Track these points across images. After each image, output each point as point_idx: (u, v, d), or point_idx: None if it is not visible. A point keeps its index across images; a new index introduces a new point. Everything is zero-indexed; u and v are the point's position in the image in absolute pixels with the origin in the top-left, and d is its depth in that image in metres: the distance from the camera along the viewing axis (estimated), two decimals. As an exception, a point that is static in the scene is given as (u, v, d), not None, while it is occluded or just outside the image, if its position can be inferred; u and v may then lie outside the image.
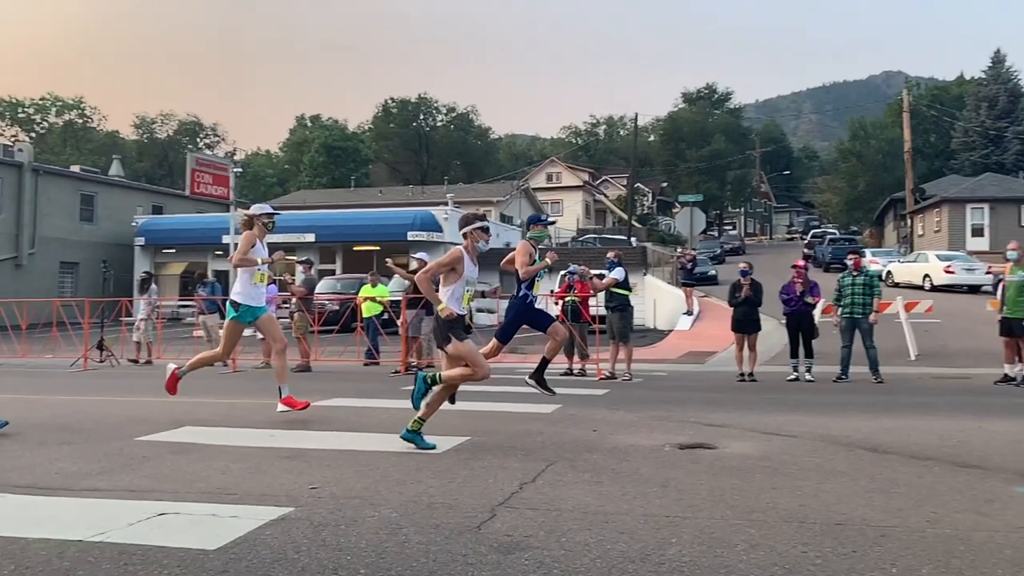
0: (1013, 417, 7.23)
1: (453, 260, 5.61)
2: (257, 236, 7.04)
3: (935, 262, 26.31)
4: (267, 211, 7.22)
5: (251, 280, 6.92)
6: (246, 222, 7.18)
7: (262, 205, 7.40)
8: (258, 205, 7.40)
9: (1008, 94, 49.13)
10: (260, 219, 7.10)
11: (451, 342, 5.51)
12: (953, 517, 3.81)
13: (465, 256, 5.65)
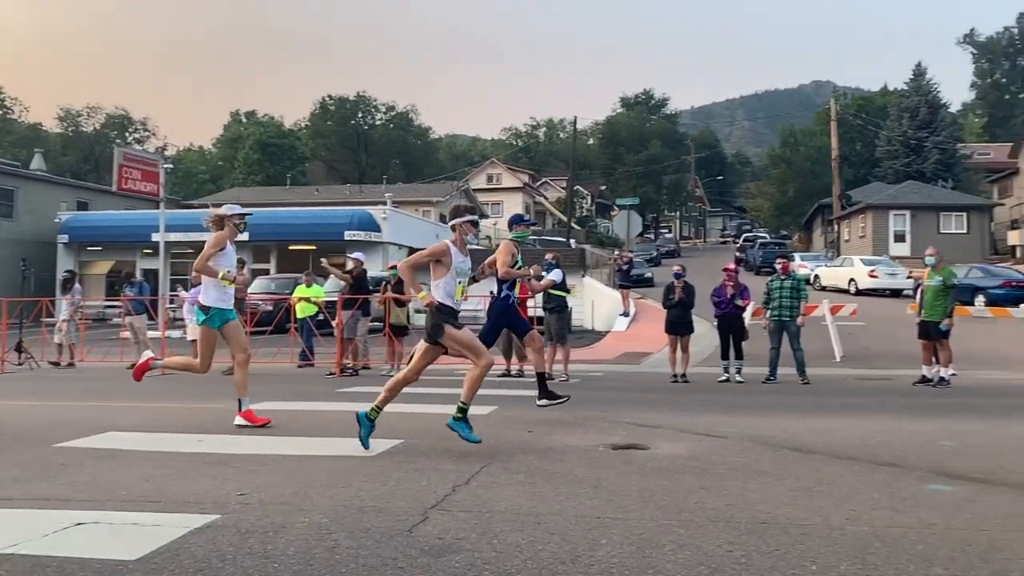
0: (929, 417, 7.55)
1: (437, 252, 5.57)
2: (227, 238, 6.74)
3: (860, 267, 27.32)
4: (239, 211, 6.89)
5: (220, 283, 6.63)
6: (216, 222, 6.79)
7: (233, 205, 7.06)
8: (229, 205, 7.06)
9: (928, 106, 51.29)
10: (232, 220, 6.79)
11: (443, 333, 5.45)
12: (871, 514, 3.95)
13: (452, 248, 5.59)
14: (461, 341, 5.53)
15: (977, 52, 76.51)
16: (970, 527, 3.73)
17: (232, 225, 6.80)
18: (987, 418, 7.45)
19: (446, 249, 5.57)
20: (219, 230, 6.74)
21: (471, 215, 5.85)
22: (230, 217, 6.80)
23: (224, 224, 6.77)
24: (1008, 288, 20.49)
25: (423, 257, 5.60)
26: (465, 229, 5.74)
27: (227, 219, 6.79)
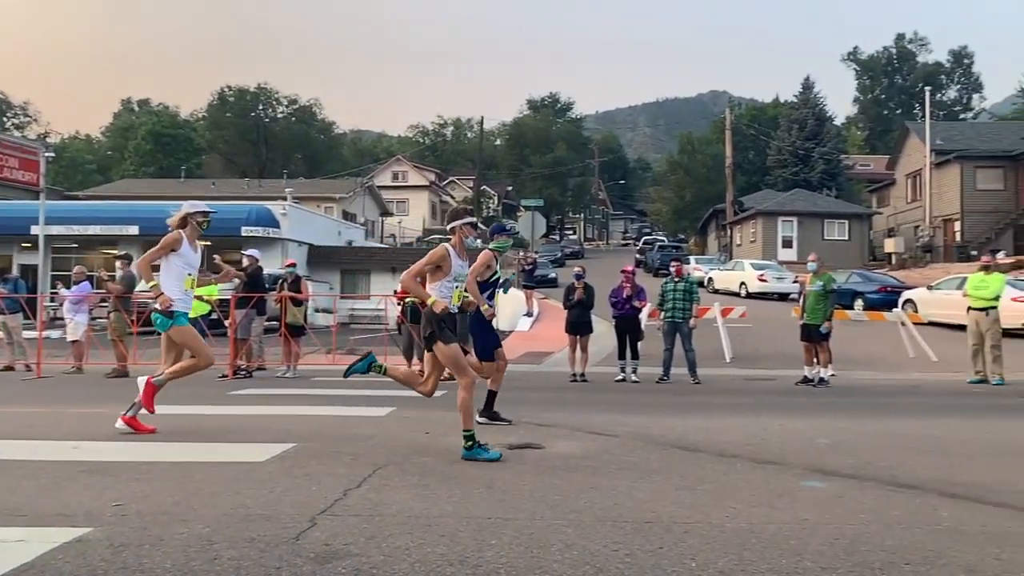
0: (808, 416, 7.96)
1: (439, 258, 5.43)
2: (189, 237, 6.38)
3: (750, 270, 28.55)
4: (202, 209, 6.52)
5: (181, 285, 6.31)
6: (180, 221, 6.40)
7: (196, 203, 6.67)
8: (193, 202, 6.67)
9: (815, 118, 54.21)
10: (195, 218, 6.44)
11: (436, 343, 5.32)
12: (749, 511, 4.13)
13: (451, 253, 5.48)
14: (447, 355, 5.37)
15: (859, 69, 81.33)
16: (839, 521, 3.96)
17: (195, 223, 6.45)
18: (860, 416, 7.92)
19: (445, 254, 5.46)
20: (180, 228, 6.37)
21: (470, 217, 5.75)
22: (193, 215, 6.44)
23: (187, 222, 6.41)
24: (884, 293, 21.87)
25: (424, 265, 5.44)
26: (465, 232, 5.64)
27: (190, 217, 6.42)
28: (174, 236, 6.31)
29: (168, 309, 6.17)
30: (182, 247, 6.30)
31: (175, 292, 6.25)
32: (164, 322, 6.25)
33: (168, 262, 6.29)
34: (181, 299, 6.30)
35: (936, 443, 6.26)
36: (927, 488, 4.68)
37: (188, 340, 6.35)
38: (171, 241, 6.27)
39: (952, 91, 77.70)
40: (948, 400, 9.63)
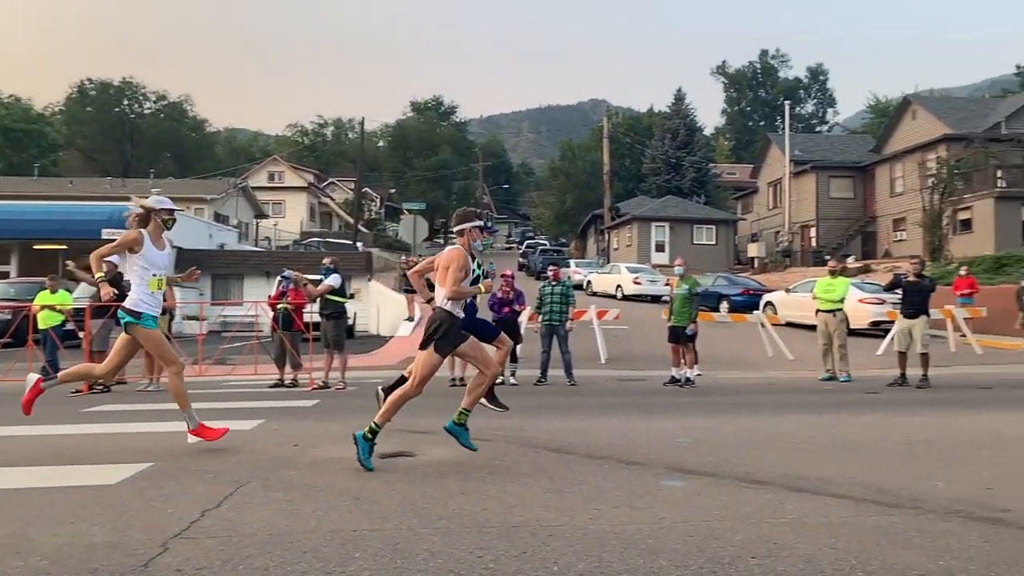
0: (673, 416, 8.30)
1: (463, 265, 5.35)
2: (152, 236, 5.96)
3: (625, 274, 29.50)
4: (167, 206, 6.13)
5: (145, 286, 5.90)
6: (141, 218, 5.99)
7: (161, 198, 6.24)
8: (157, 197, 6.23)
9: (687, 128, 56.71)
10: (159, 215, 6.02)
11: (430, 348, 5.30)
12: (612, 512, 4.27)
13: (466, 254, 5.45)
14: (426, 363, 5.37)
15: (727, 82, 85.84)
16: (695, 519, 4.15)
17: (159, 220, 6.04)
18: (720, 415, 8.32)
19: (466, 257, 5.42)
20: (143, 226, 5.95)
21: (478, 220, 5.68)
22: (158, 211, 6.03)
23: (150, 219, 6.00)
24: (747, 295, 23.13)
25: (459, 274, 5.33)
26: (473, 235, 5.59)
27: (155, 213, 6.01)
28: (132, 235, 5.89)
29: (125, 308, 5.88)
30: (143, 247, 5.88)
31: (139, 293, 5.87)
32: (128, 320, 5.87)
33: (129, 262, 5.91)
34: (146, 301, 5.91)
35: (787, 439, 6.68)
36: (776, 483, 4.98)
37: (158, 345, 6.02)
38: (129, 240, 5.86)
39: (810, 105, 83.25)
40: (800, 397, 10.29)
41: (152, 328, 5.93)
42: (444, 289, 5.37)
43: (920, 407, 8.82)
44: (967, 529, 3.95)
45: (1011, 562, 3.45)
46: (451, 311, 5.37)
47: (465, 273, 5.41)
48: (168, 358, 6.05)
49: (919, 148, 34.35)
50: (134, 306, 5.87)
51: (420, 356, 5.44)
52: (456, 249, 5.48)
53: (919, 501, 4.50)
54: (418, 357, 5.48)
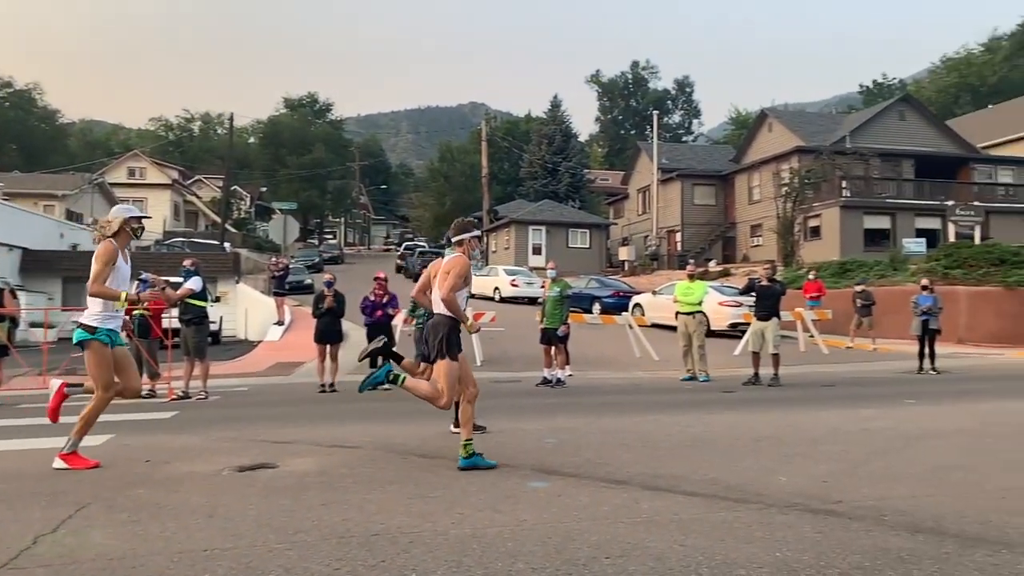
0: (542, 416, 8.45)
1: (466, 273, 5.50)
2: (120, 247, 5.69)
3: (503, 276, 29.81)
4: (135, 214, 5.87)
5: (112, 304, 5.63)
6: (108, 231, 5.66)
7: (128, 207, 6.02)
8: (124, 207, 6.00)
9: (563, 134, 58.00)
10: (129, 224, 5.76)
11: (446, 358, 5.37)
12: (475, 516, 4.30)
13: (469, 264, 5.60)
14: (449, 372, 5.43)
15: (601, 91, 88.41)
16: (554, 520, 4.24)
17: (129, 231, 5.78)
18: (587, 415, 8.55)
19: (469, 265, 5.56)
20: (111, 237, 5.65)
21: (476, 230, 5.83)
22: (127, 221, 5.74)
23: (120, 232, 5.70)
24: (617, 297, 23.89)
25: (459, 281, 5.43)
26: (472, 244, 5.71)
27: (125, 224, 5.71)
28: (110, 249, 5.61)
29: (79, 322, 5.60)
30: (118, 260, 5.66)
31: (103, 308, 5.60)
32: (81, 335, 5.56)
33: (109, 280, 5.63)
34: (107, 314, 5.64)
35: (647, 438, 6.94)
36: (634, 482, 5.17)
37: (101, 364, 5.58)
38: (112, 255, 5.59)
39: (677, 116, 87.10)
40: (662, 397, 10.73)
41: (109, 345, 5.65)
42: (441, 292, 5.47)
43: (770, 405, 9.40)
44: (803, 521, 4.23)
45: (839, 550, 3.72)
46: (448, 315, 5.47)
47: (465, 281, 5.55)
48: (104, 383, 5.62)
49: (774, 159, 36.64)
50: (91, 321, 5.59)
51: (438, 369, 5.50)
52: (460, 257, 5.58)
53: (763, 496, 4.79)
54: (437, 370, 5.54)
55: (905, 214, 32.51)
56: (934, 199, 32.62)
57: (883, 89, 73.38)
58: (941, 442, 6.66)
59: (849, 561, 3.56)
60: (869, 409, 8.74)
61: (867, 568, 3.46)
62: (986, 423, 7.69)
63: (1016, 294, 19.18)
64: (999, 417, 8.09)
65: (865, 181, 33.39)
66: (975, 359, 16.50)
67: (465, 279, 5.55)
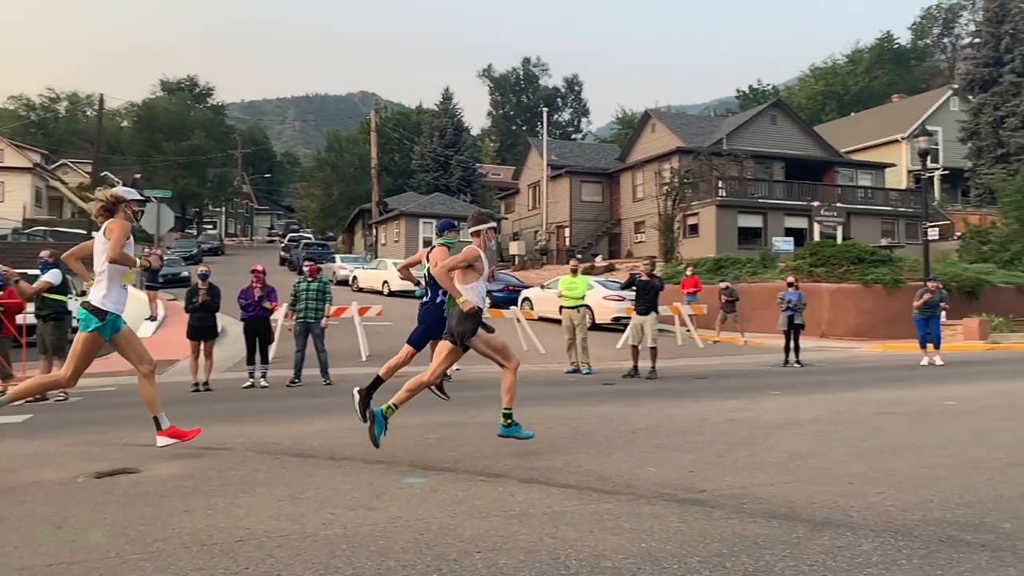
0: (425, 412, 8.39)
1: (474, 257, 5.86)
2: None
3: (392, 270, 29.41)
4: (137, 197, 5.92)
5: (120, 281, 5.65)
6: (108, 207, 5.65)
7: (129, 188, 6.05)
8: (126, 188, 6.04)
9: (454, 128, 57.83)
10: (131, 206, 5.78)
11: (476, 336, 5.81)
12: (347, 516, 4.22)
13: (481, 253, 5.92)
14: (493, 345, 5.95)
15: (493, 85, 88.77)
16: (428, 516, 4.22)
17: (130, 212, 5.78)
18: (471, 409, 8.58)
19: (478, 255, 5.89)
20: (111, 216, 5.62)
21: (493, 222, 6.25)
22: (129, 202, 5.77)
23: (116, 210, 5.67)
24: (507, 292, 24.09)
25: (460, 262, 5.80)
26: (489, 235, 6.12)
27: (126, 204, 5.74)
28: (127, 225, 5.63)
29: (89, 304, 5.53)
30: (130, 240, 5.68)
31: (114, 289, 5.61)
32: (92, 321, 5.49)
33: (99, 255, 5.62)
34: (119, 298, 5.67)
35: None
36: (511, 475, 5.22)
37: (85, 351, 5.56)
38: (126, 226, 5.61)
39: (566, 113, 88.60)
40: (546, 389, 10.89)
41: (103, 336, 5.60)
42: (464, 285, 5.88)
43: (646, 397, 9.72)
44: (669, 511, 4.39)
45: (701, 538, 3.89)
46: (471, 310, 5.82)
47: (470, 266, 5.90)
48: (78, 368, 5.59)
49: (657, 158, 37.90)
50: (107, 305, 5.56)
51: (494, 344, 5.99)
52: (472, 247, 5.97)
53: (633, 487, 4.94)
54: (494, 345, 6.00)
55: (776, 214, 34.37)
56: (802, 200, 34.64)
57: (758, 94, 77.19)
58: (799, 431, 7.08)
59: (709, 549, 3.72)
60: (736, 400, 9.19)
61: (725, 555, 3.63)
62: (840, 412, 8.24)
63: (872, 291, 20.67)
64: (852, 407, 8.68)
65: (740, 182, 35.05)
66: (836, 352, 17.66)
67: (474, 266, 5.92)
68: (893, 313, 19.48)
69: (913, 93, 58.16)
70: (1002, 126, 41.80)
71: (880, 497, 4.65)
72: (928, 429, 7.20)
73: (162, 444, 5.88)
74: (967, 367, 14.08)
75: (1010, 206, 26.84)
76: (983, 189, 40.79)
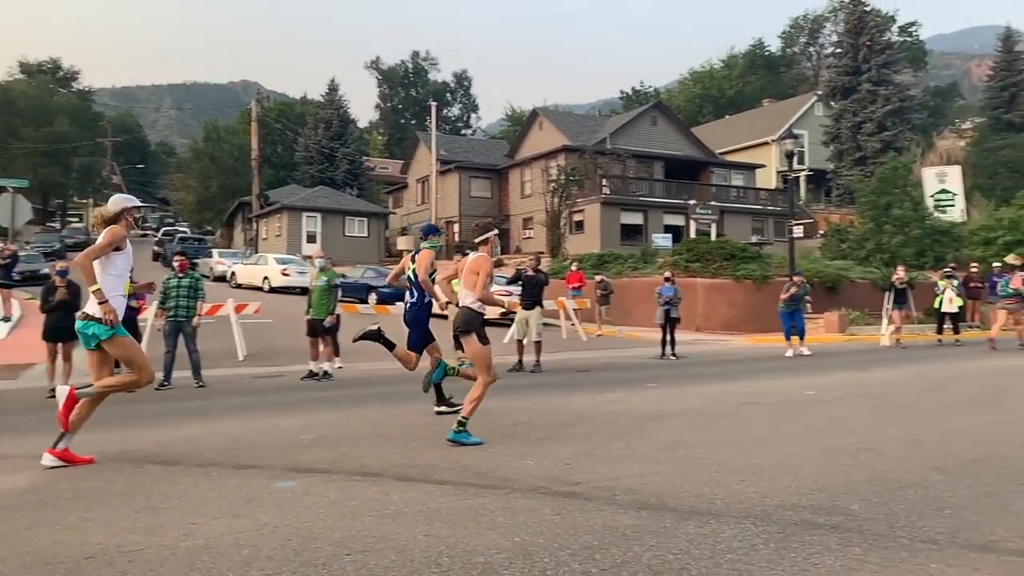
0: (303, 412, 8.14)
1: (490, 269, 6.32)
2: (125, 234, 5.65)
3: (273, 265, 28.50)
4: (136, 204, 5.97)
5: (122, 289, 5.67)
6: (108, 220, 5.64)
7: (128, 196, 6.06)
8: (125, 196, 6.05)
9: (340, 120, 56.55)
10: (131, 213, 5.80)
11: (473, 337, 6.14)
12: (210, 525, 4.02)
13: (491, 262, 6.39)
14: (482, 352, 6.20)
15: (381, 78, 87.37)
16: (298, 521, 4.09)
17: (130, 219, 5.79)
18: (351, 408, 8.41)
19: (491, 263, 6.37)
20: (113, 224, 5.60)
21: (496, 230, 6.83)
22: (129, 210, 5.77)
23: (119, 218, 5.67)
24: (393, 287, 23.78)
25: (485, 279, 6.18)
26: (495, 242, 6.62)
27: (127, 212, 5.72)
28: (120, 232, 5.57)
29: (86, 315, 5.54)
30: (126, 245, 5.64)
31: (118, 299, 5.58)
32: (105, 332, 5.47)
33: (110, 262, 5.54)
34: (120, 305, 5.62)
35: (408, 428, 6.96)
36: (388, 474, 5.14)
37: (130, 352, 5.70)
38: (119, 237, 5.55)
39: (456, 108, 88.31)
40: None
41: (124, 335, 5.66)
42: (472, 292, 6.21)
43: (529, 391, 9.82)
44: (544, 504, 4.44)
45: (573, 531, 3.94)
46: (479, 310, 6.28)
47: (491, 279, 6.34)
48: (144, 366, 5.70)
49: (544, 156, 38.42)
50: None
51: (472, 352, 6.23)
52: (484, 258, 6.36)
53: (510, 481, 4.97)
54: (470, 354, 6.28)
55: (656, 211, 35.56)
56: (680, 198, 36.00)
57: (640, 96, 79.56)
58: (672, 422, 7.34)
59: (580, 541, 3.78)
60: (615, 393, 9.43)
61: (595, 547, 3.70)
62: (710, 403, 8.60)
63: (744, 286, 21.72)
64: (721, 398, 9.08)
65: (622, 180, 36.04)
66: (710, 345, 18.46)
67: (491, 277, 6.39)
68: (762, 307, 20.53)
69: (782, 98, 61.57)
70: (860, 131, 44.85)
71: (743, 485, 4.87)
72: (789, 418, 7.63)
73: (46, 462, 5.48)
74: (827, 358, 15.03)
75: (866, 206, 28.82)
76: (843, 190, 43.66)
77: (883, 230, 26.66)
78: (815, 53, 78.31)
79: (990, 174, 36.85)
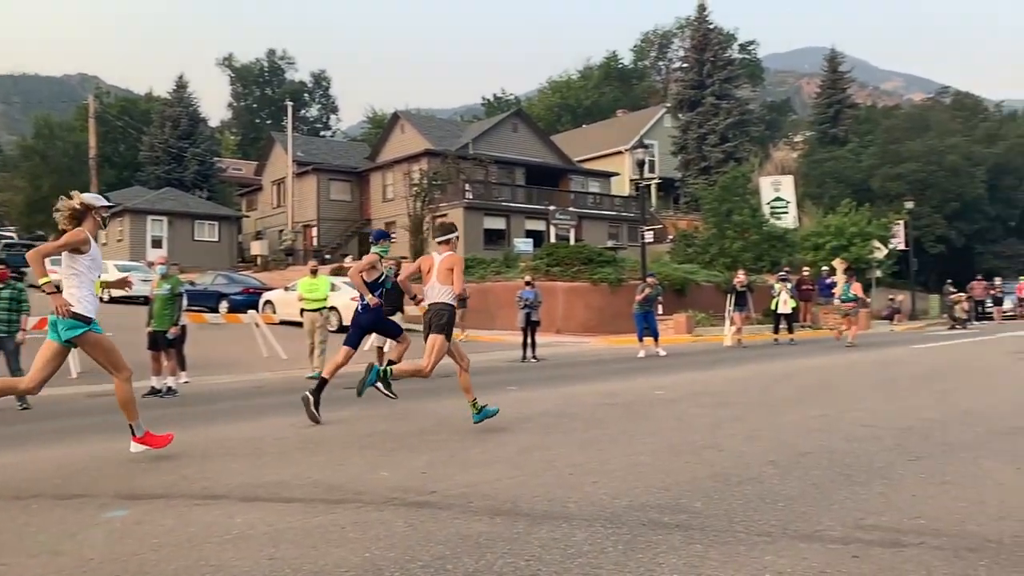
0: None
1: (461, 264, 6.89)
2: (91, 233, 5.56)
3: (114, 272, 26.54)
4: (105, 203, 5.82)
5: (93, 289, 5.55)
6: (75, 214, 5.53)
7: (97, 195, 5.88)
8: (93, 194, 5.89)
9: (189, 118, 53.68)
10: (99, 212, 5.66)
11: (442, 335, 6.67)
12: (25, 565, 3.65)
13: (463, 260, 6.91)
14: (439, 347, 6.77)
15: (234, 76, 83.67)
16: (127, 554, 3.78)
17: (99, 219, 5.70)
18: (196, 426, 7.91)
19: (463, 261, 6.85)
20: (76, 225, 5.54)
21: (458, 231, 7.25)
22: (98, 209, 5.68)
23: (86, 216, 5.59)
24: (247, 294, 22.85)
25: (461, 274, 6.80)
26: (454, 243, 7.04)
27: (95, 211, 5.65)
28: (81, 235, 5.52)
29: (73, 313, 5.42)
30: (91, 248, 5.57)
31: (86, 297, 5.53)
32: (76, 328, 5.46)
33: (76, 263, 5.51)
34: (93, 303, 5.59)
35: (256, 445, 6.63)
36: (233, 495, 4.87)
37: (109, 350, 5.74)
38: (80, 239, 5.50)
39: (314, 109, 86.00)
40: (284, 398, 10.34)
41: (101, 332, 5.64)
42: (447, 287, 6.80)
43: (388, 399, 9.63)
44: (397, 516, 4.34)
45: (425, 542, 3.88)
46: (453, 304, 6.89)
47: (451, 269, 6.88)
48: (120, 364, 5.77)
49: (406, 159, 38.17)
50: (89, 312, 5.52)
51: (433, 342, 6.74)
52: (455, 255, 6.96)
53: (362, 493, 4.84)
54: (430, 342, 6.76)
55: (517, 216, 36.17)
56: (540, 204, 36.79)
57: (502, 103, 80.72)
58: (530, 424, 7.43)
59: (432, 552, 3.73)
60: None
61: (447, 557, 3.65)
62: (567, 405, 8.80)
63: (600, 289, 22.47)
64: (578, 399, 9.32)
65: (485, 185, 36.40)
66: (569, 347, 18.94)
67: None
68: (617, 310, 21.31)
69: (635, 109, 64.32)
70: (705, 142, 47.61)
71: (595, 487, 4.98)
72: (639, 418, 7.92)
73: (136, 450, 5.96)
74: (676, 359, 15.80)
75: (709, 213, 30.62)
76: (690, 197, 46.18)
77: (725, 235, 28.40)
78: (664, 67, 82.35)
79: (818, 184, 40.12)
